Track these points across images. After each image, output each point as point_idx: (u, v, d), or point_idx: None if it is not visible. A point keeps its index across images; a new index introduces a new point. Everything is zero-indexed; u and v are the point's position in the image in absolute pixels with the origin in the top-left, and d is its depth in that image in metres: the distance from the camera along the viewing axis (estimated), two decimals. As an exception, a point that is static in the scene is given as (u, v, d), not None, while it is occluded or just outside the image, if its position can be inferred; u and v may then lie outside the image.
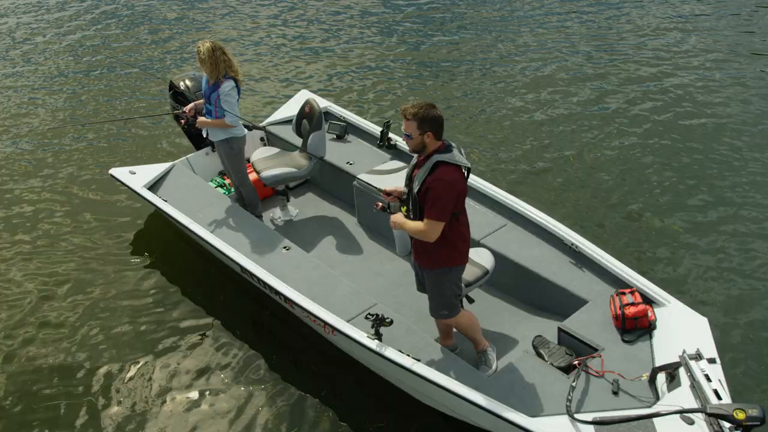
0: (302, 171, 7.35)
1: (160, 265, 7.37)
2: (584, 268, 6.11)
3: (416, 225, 5.02)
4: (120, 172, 7.60)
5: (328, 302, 5.92)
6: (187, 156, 8.00)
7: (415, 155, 5.18)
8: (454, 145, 5.06)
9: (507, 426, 4.85)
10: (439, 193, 4.88)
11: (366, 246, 7.24)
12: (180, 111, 7.41)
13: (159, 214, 7.91)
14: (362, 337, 5.48)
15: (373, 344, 5.41)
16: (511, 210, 6.72)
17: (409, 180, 5.19)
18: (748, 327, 6.38)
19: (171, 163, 7.80)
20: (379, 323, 5.40)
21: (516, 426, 4.76)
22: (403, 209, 5.30)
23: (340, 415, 5.75)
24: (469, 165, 5.04)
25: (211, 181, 8.01)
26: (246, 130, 7.18)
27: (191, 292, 7.01)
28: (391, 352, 5.32)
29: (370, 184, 7.12)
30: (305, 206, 7.84)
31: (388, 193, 5.46)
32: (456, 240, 5.13)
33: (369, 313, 5.46)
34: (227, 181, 7.91)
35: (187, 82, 8.02)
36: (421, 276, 5.57)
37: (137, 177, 7.51)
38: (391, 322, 5.43)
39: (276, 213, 7.66)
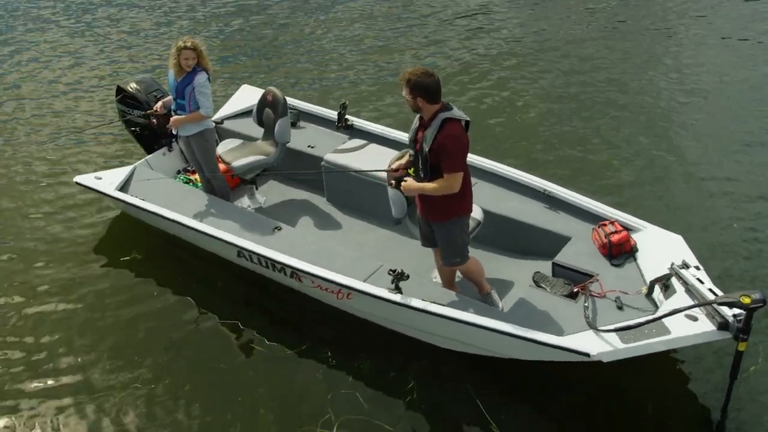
0: (271, 158, 7.60)
1: (142, 264, 7.38)
2: (559, 210, 6.75)
3: (436, 183, 5.46)
4: (86, 179, 7.56)
5: (336, 269, 6.24)
6: (146, 158, 8.02)
7: (416, 120, 5.63)
8: (450, 104, 5.54)
9: (539, 348, 5.37)
10: (453, 147, 5.35)
11: (342, 221, 7.58)
12: (151, 111, 7.49)
13: (125, 217, 7.92)
14: (385, 293, 5.86)
15: (397, 297, 5.81)
16: (478, 168, 7.26)
17: (415, 141, 5.62)
18: (713, 238, 7.30)
19: (131, 166, 7.82)
20: (398, 278, 5.80)
21: (550, 346, 5.29)
22: (411, 170, 5.73)
23: (369, 379, 6.01)
24: (468, 119, 5.54)
25: (174, 179, 8.08)
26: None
27: (183, 286, 7.07)
28: (416, 302, 5.74)
29: (339, 163, 7.47)
30: (271, 193, 8.07)
31: (395, 170, 5.88)
32: (464, 190, 5.61)
33: (390, 269, 5.84)
34: (192, 177, 8.00)
35: (135, 85, 8.06)
36: (428, 231, 6.01)
37: (105, 182, 7.51)
38: (408, 276, 5.84)
39: (245, 201, 7.85)
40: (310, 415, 5.66)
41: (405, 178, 5.68)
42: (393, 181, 5.89)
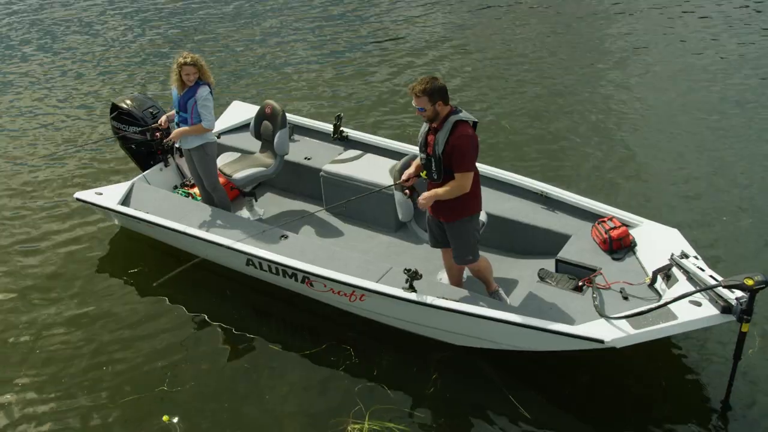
0: (271, 169, 7.76)
1: (150, 277, 7.32)
2: (557, 210, 7.02)
3: (448, 186, 5.69)
4: (87, 195, 7.61)
5: (349, 273, 6.39)
6: (143, 173, 8.09)
7: (425, 124, 5.86)
8: (458, 107, 5.79)
9: (555, 338, 5.59)
10: (466, 148, 5.60)
11: (343, 230, 7.73)
12: (156, 126, 7.59)
13: (127, 232, 7.97)
14: (401, 292, 6.04)
15: (413, 296, 5.99)
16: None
17: (425, 145, 5.84)
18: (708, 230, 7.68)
19: (130, 181, 7.89)
20: (413, 277, 5.99)
21: (566, 335, 5.51)
22: (423, 173, 5.95)
23: (392, 373, 6.18)
24: (476, 120, 5.79)
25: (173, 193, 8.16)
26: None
27: (193, 296, 7.17)
28: (434, 300, 5.93)
29: (337, 173, 7.65)
30: (269, 205, 8.19)
31: (406, 180, 6.11)
32: (475, 190, 5.86)
33: (406, 268, 6.02)
34: (191, 191, 8.09)
35: (130, 101, 8.14)
36: (438, 232, 6.21)
37: (106, 197, 7.57)
38: (422, 275, 6.03)
39: (244, 214, 7.96)
40: (339, 408, 5.83)
41: (423, 195, 5.88)
42: (407, 191, 6.12)
